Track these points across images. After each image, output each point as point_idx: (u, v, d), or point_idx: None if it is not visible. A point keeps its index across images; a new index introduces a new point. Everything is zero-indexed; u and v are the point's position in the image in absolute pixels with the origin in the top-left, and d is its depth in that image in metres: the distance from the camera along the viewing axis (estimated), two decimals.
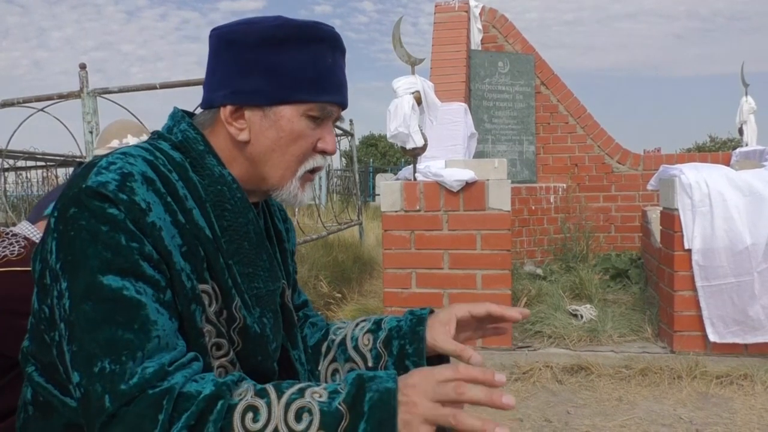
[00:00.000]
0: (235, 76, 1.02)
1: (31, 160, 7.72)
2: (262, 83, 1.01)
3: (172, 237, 0.93)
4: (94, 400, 0.83)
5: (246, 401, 0.85)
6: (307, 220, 6.96)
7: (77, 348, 0.86)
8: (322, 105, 1.04)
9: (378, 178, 19.27)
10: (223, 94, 1.03)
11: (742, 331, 3.41)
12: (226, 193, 1.03)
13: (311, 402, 0.85)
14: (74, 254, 0.88)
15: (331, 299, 4.83)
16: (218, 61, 1.05)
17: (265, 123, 1.03)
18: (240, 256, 1.04)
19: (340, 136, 7.36)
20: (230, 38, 1.04)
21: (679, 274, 3.52)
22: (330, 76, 1.05)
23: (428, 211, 3.79)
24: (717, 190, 3.43)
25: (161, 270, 0.91)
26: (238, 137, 1.03)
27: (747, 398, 3.13)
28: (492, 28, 6.98)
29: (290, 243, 1.29)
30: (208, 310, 0.97)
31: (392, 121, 3.81)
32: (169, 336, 0.89)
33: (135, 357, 0.84)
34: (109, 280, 0.86)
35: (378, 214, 6.18)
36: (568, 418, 2.96)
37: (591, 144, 6.85)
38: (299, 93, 1.02)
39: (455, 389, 0.84)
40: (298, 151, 1.05)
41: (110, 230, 0.88)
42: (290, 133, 1.03)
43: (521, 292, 4.46)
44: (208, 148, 1.04)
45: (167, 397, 0.83)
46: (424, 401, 0.84)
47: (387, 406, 0.84)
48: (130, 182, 0.91)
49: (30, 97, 4.25)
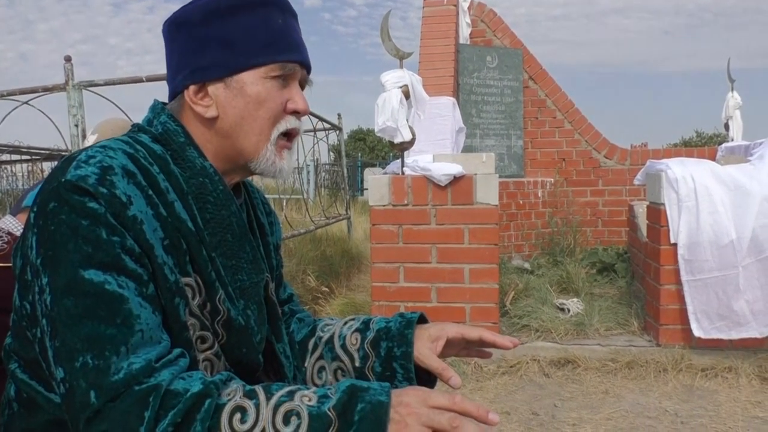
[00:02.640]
0: (190, 55, 1.03)
1: (16, 153, 7.64)
2: (218, 55, 1.01)
3: (154, 230, 0.92)
4: (79, 396, 0.82)
5: (234, 401, 0.84)
6: (295, 215, 6.94)
7: (60, 343, 0.85)
8: (281, 64, 1.04)
9: (366, 173, 19.25)
10: (183, 76, 1.03)
11: (726, 327, 3.44)
12: (208, 185, 1.03)
13: (300, 405, 0.84)
14: (55, 249, 0.87)
15: (319, 293, 4.83)
16: (173, 48, 1.06)
17: (229, 94, 1.03)
18: (223, 249, 1.03)
19: (328, 130, 7.34)
20: (179, 21, 1.04)
21: (665, 268, 3.55)
22: (284, 36, 1.05)
23: (416, 206, 3.79)
24: (703, 184, 3.45)
25: (143, 264, 0.90)
26: (206, 114, 1.03)
27: (731, 391, 3.16)
28: (480, 22, 6.98)
29: (274, 236, 1.28)
30: (191, 303, 0.97)
31: (380, 115, 3.80)
32: (153, 330, 0.88)
33: (119, 352, 0.83)
34: (91, 275, 0.85)
35: (366, 209, 6.18)
36: (555, 411, 2.98)
37: (579, 139, 6.87)
38: (256, 57, 1.02)
39: (450, 422, 0.83)
40: (267, 114, 1.04)
41: (91, 224, 0.86)
42: (256, 97, 1.03)
43: (509, 286, 4.47)
44: (188, 140, 1.04)
45: (154, 394, 0.82)
46: (415, 425, 0.83)
47: (378, 420, 0.83)
48: (110, 176, 0.90)
49: (14, 90, 4.20)
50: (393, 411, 0.84)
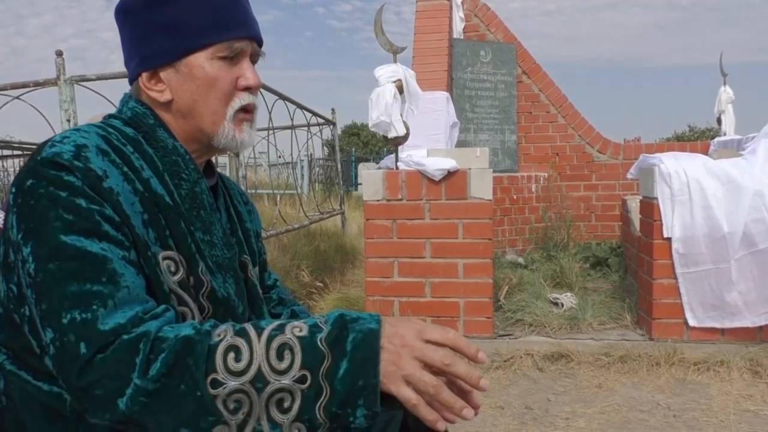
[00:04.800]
0: (138, 43, 1.05)
1: (7, 149, 7.60)
2: (164, 41, 1.03)
3: (132, 204, 0.94)
4: (69, 350, 0.82)
5: (227, 341, 0.84)
6: (289, 210, 6.93)
7: (46, 306, 0.85)
8: (228, 43, 1.04)
9: (360, 168, 19.23)
10: (135, 64, 1.05)
11: (720, 316, 3.47)
12: (181, 164, 1.05)
13: (292, 338, 0.84)
14: (36, 221, 0.88)
15: (313, 288, 4.82)
16: (124, 36, 1.08)
17: (180, 78, 1.04)
18: (199, 224, 1.06)
19: (322, 125, 7.32)
20: (124, 9, 1.06)
21: (658, 262, 3.56)
22: (229, 13, 1.05)
23: (410, 200, 3.79)
24: (695, 179, 3.46)
25: (123, 232, 0.91)
26: (161, 99, 1.05)
27: (723, 384, 3.18)
28: (474, 17, 6.97)
29: (253, 224, 1.32)
30: (171, 279, 0.98)
31: (374, 110, 3.80)
32: (138, 289, 0.89)
33: (106, 305, 0.84)
34: (73, 240, 0.86)
35: (360, 204, 6.17)
36: (549, 405, 2.99)
37: (572, 133, 6.88)
38: (201, 38, 1.03)
39: (442, 360, 0.84)
40: (219, 95, 1.05)
41: (69, 195, 0.88)
42: (205, 79, 1.04)
43: (503, 281, 4.48)
44: (158, 122, 1.06)
45: (144, 340, 0.82)
46: (408, 357, 0.83)
47: (370, 348, 0.83)
48: (85, 152, 0.92)
49: (5, 85, 4.17)
50: (387, 341, 0.84)
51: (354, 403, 0.82)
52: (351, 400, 0.82)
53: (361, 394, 0.82)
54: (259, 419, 0.82)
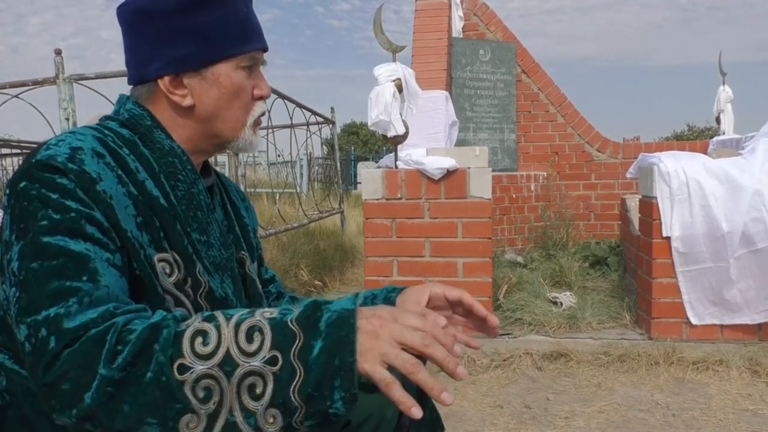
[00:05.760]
0: (163, 46, 1.05)
1: (6, 147, 7.60)
2: (193, 47, 1.04)
3: (125, 207, 0.95)
4: (40, 345, 0.81)
5: (194, 327, 0.83)
6: (288, 209, 6.92)
7: (25, 303, 0.85)
8: (251, 54, 1.09)
9: (359, 166, 19.23)
10: (157, 67, 1.05)
11: (719, 313, 3.48)
12: (177, 165, 1.06)
13: (261, 321, 0.83)
14: (26, 221, 0.88)
15: (313, 287, 4.82)
16: (140, 36, 1.07)
17: (205, 85, 1.06)
18: (196, 225, 1.06)
19: (321, 124, 7.32)
20: (148, 10, 1.05)
21: (658, 261, 3.56)
22: (250, 25, 1.10)
23: (409, 199, 3.79)
24: (694, 178, 3.46)
25: (111, 237, 0.91)
26: (182, 104, 1.06)
27: (722, 383, 3.18)
28: (473, 15, 6.97)
29: (250, 219, 1.33)
30: (167, 281, 0.98)
31: (373, 109, 3.79)
32: (118, 291, 0.89)
33: (82, 302, 0.84)
34: (57, 240, 0.86)
35: (359, 203, 6.17)
36: (548, 405, 2.99)
37: (571, 132, 6.88)
38: (229, 48, 1.06)
39: (422, 341, 0.82)
40: (241, 103, 1.10)
41: (60, 197, 0.89)
42: (231, 87, 1.07)
43: (502, 280, 4.48)
44: (155, 123, 1.07)
45: (111, 332, 0.81)
46: (386, 337, 0.81)
47: (346, 324, 0.81)
48: (80, 155, 0.92)
49: (5, 83, 4.17)
50: (366, 321, 0.82)
51: (330, 384, 0.79)
52: (327, 381, 0.79)
53: (337, 374, 0.79)
54: (232, 409, 0.79)
